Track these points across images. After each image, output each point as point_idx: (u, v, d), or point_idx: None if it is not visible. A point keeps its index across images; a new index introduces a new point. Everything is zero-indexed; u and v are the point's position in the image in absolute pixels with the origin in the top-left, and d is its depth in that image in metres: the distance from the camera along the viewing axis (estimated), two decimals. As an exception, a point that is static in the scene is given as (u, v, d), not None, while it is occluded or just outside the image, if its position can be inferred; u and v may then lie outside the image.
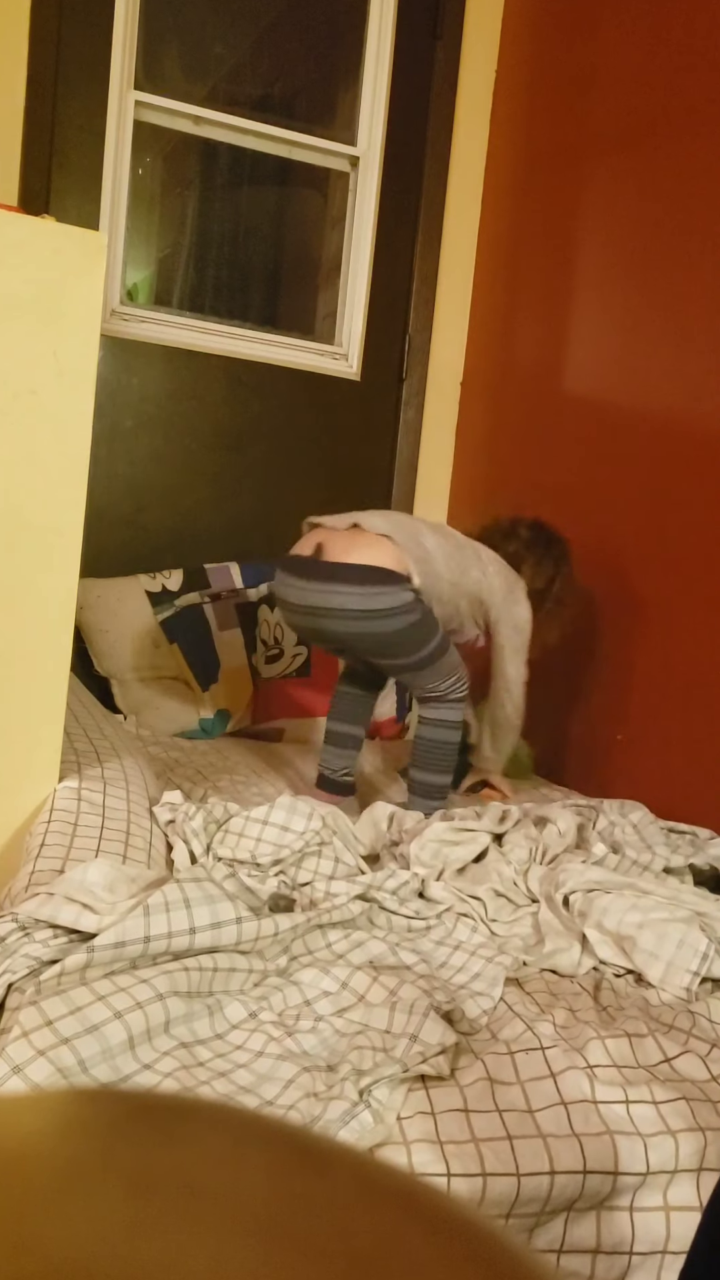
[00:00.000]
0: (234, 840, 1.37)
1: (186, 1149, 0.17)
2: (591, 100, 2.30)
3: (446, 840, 1.45)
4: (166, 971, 0.99)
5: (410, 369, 2.68)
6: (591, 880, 1.34)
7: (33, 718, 1.32)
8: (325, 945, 1.16)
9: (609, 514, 2.17)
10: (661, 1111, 0.92)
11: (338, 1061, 0.95)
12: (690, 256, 2.00)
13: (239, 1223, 0.15)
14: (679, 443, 2.00)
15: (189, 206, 2.53)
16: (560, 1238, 0.86)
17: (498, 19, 2.62)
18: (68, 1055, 0.86)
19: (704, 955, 1.19)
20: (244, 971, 1.06)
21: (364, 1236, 0.15)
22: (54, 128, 2.27)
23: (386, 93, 2.58)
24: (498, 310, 2.60)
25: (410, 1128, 0.87)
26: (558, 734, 2.29)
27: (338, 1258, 0.15)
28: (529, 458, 2.45)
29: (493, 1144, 0.86)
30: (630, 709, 2.09)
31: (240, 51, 2.48)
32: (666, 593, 2.02)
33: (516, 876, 1.41)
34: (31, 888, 1.13)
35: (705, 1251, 0.67)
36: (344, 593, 1.64)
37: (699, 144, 1.99)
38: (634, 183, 2.16)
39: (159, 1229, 0.15)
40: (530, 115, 2.52)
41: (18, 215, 1.25)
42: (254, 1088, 0.91)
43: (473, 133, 2.65)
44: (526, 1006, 1.11)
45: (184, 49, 2.42)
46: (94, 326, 1.27)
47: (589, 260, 2.28)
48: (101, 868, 1.13)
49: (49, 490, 1.29)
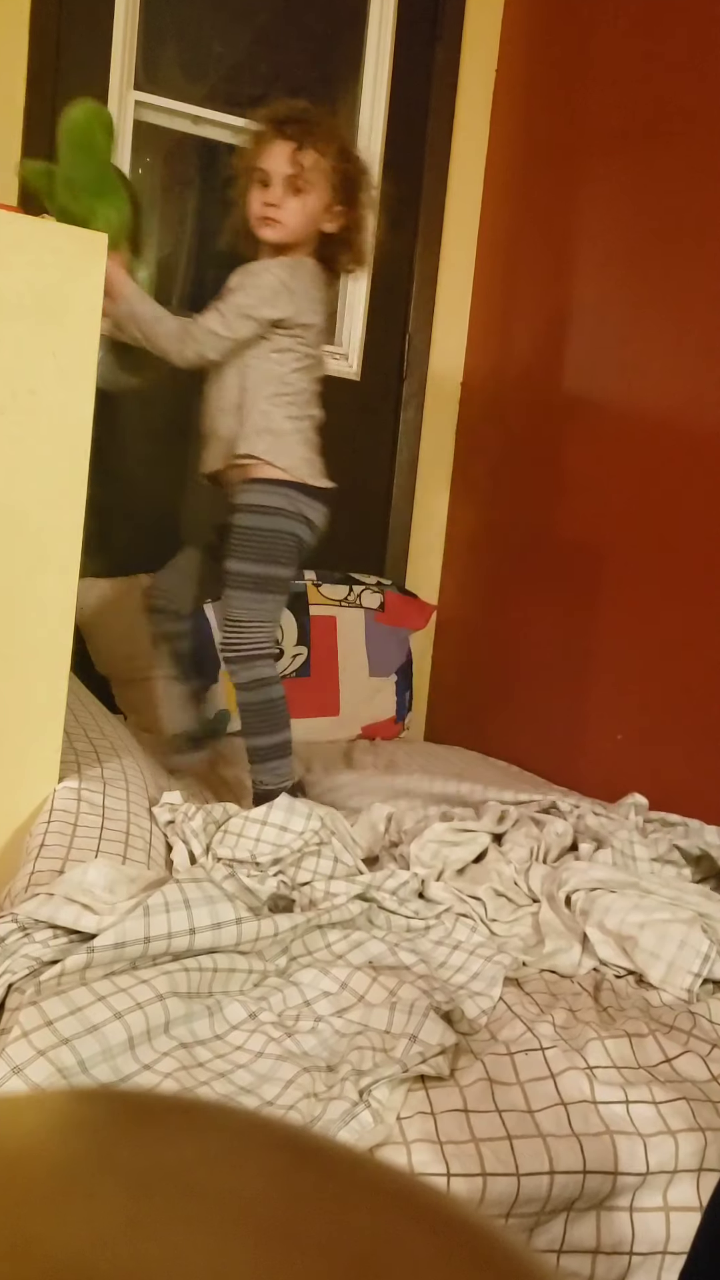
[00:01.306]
0: (233, 840, 1.37)
1: (186, 1149, 0.17)
2: (591, 100, 2.30)
3: (446, 840, 1.45)
4: (166, 972, 0.99)
5: (410, 369, 2.68)
6: (594, 879, 1.34)
7: (33, 718, 1.32)
8: (325, 945, 1.16)
9: (609, 514, 2.18)
10: (661, 1111, 0.92)
11: (337, 1062, 0.95)
12: (690, 256, 2.00)
13: (239, 1222, 0.15)
14: (679, 442, 2.00)
15: (189, 206, 2.53)
16: (560, 1238, 0.86)
17: (498, 19, 2.62)
18: (68, 1055, 0.86)
19: (705, 956, 1.19)
20: (244, 972, 1.06)
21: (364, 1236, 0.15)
22: (54, 127, 2.27)
23: (386, 93, 2.58)
24: (498, 310, 2.60)
25: (410, 1128, 0.87)
26: (558, 734, 2.29)
27: (337, 1257, 0.15)
28: (529, 457, 2.45)
29: (492, 1144, 0.86)
30: (630, 709, 2.09)
31: (240, 51, 2.48)
32: (667, 593, 2.02)
33: (517, 876, 1.41)
34: (31, 888, 1.13)
35: (705, 1252, 0.67)
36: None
37: (699, 144, 1.99)
38: (634, 183, 2.16)
39: (158, 1229, 0.15)
40: (530, 116, 2.52)
41: (18, 215, 1.25)
42: (254, 1088, 0.91)
43: (473, 133, 2.65)
44: (526, 1007, 1.11)
45: (184, 49, 2.42)
46: (94, 326, 1.27)
47: (589, 260, 2.28)
48: (101, 868, 1.13)
49: (49, 490, 1.29)
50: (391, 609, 2.54)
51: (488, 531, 2.59)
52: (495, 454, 2.58)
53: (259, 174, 1.66)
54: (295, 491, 1.75)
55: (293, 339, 1.72)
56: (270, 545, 1.74)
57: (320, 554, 2.67)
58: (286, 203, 1.65)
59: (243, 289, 1.66)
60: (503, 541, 2.52)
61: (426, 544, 2.74)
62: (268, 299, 1.66)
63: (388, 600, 2.54)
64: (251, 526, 1.74)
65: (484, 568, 2.59)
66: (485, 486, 2.61)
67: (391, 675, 2.51)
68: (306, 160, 1.64)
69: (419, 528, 2.73)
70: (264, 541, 1.74)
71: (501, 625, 2.50)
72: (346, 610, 2.48)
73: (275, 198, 1.64)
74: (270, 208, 1.65)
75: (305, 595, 2.46)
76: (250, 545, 1.74)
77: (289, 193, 1.65)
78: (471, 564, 2.65)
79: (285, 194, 1.65)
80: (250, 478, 1.74)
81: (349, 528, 2.69)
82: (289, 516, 1.75)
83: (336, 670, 2.45)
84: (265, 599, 1.74)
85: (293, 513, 1.75)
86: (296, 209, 1.66)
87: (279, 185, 1.65)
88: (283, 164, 1.64)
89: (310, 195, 1.66)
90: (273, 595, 1.75)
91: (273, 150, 1.65)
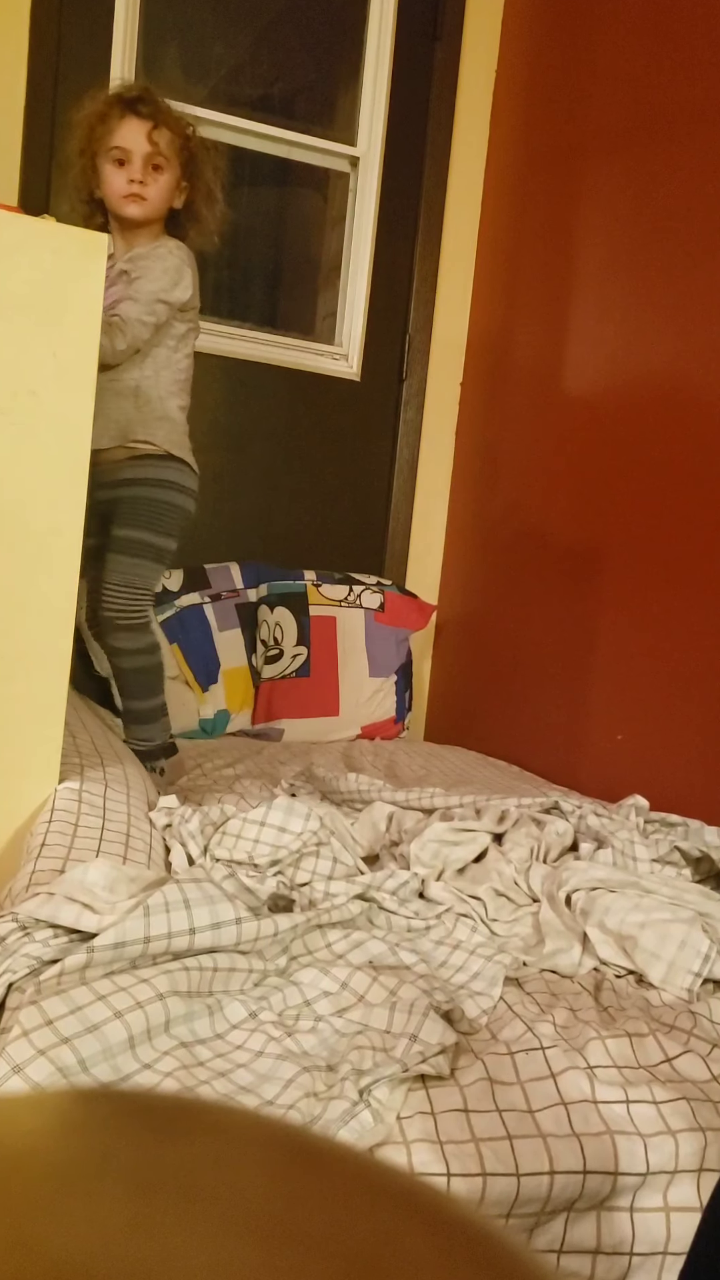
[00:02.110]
0: (231, 841, 1.36)
1: (186, 1149, 0.17)
2: (591, 100, 2.30)
3: (446, 840, 1.45)
4: (166, 971, 0.99)
5: (410, 369, 2.68)
6: (595, 879, 1.34)
7: (33, 718, 1.32)
8: (325, 945, 1.16)
9: (609, 514, 2.17)
10: (662, 1111, 0.92)
11: (337, 1061, 0.95)
12: (689, 255, 2.00)
13: (239, 1223, 0.15)
14: (679, 442, 2.00)
15: (189, 206, 2.53)
16: (560, 1238, 0.86)
17: (498, 19, 2.62)
18: (68, 1055, 0.86)
19: (706, 956, 1.19)
20: (244, 971, 1.06)
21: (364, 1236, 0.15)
22: (54, 128, 2.26)
23: (386, 93, 2.58)
24: (498, 310, 2.60)
25: (410, 1127, 0.87)
26: (558, 734, 2.29)
27: (337, 1258, 0.15)
28: (529, 457, 2.45)
29: (492, 1144, 0.86)
30: (630, 709, 2.09)
31: (240, 52, 2.48)
32: (667, 593, 2.02)
33: (517, 875, 1.40)
34: (32, 887, 1.13)
35: (706, 1253, 0.67)
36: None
37: (699, 144, 1.99)
38: (634, 182, 2.16)
39: (159, 1229, 0.15)
40: (530, 115, 2.52)
41: (18, 215, 1.25)
42: (254, 1088, 0.91)
43: (473, 133, 2.65)
44: (526, 1007, 1.11)
45: (184, 49, 2.42)
46: (94, 326, 1.27)
47: (589, 260, 2.28)
48: (102, 868, 1.13)
49: (49, 490, 1.29)
50: (391, 609, 2.54)
51: (488, 531, 2.58)
52: (495, 455, 2.58)
53: (116, 152, 1.69)
54: (186, 468, 1.82)
55: (186, 324, 1.78)
56: (166, 517, 1.81)
57: (320, 554, 2.69)
58: (152, 180, 1.70)
59: (150, 274, 1.70)
60: (503, 541, 2.52)
61: (426, 544, 2.74)
62: (176, 281, 1.71)
63: (388, 600, 2.54)
64: (151, 498, 1.79)
65: (484, 568, 2.59)
66: (485, 487, 2.61)
67: (391, 675, 2.51)
68: (162, 139, 1.70)
69: (419, 528, 2.73)
70: (161, 513, 1.80)
71: (501, 625, 2.50)
72: (346, 610, 2.48)
73: (139, 173, 1.69)
74: (137, 184, 1.69)
75: (305, 595, 2.46)
76: (150, 516, 1.79)
77: (149, 170, 1.70)
78: (471, 564, 2.65)
79: (147, 171, 1.70)
80: (142, 454, 1.79)
81: (349, 528, 2.69)
82: (181, 491, 1.82)
83: (336, 670, 2.45)
84: (157, 569, 1.82)
85: (185, 487, 1.82)
86: (160, 186, 1.71)
87: (139, 163, 1.69)
88: (141, 142, 1.68)
89: (167, 173, 1.72)
90: (162, 565, 1.83)
91: (129, 128, 1.69)
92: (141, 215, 1.72)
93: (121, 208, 1.71)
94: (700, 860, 1.50)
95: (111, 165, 1.70)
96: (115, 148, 1.69)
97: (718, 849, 1.50)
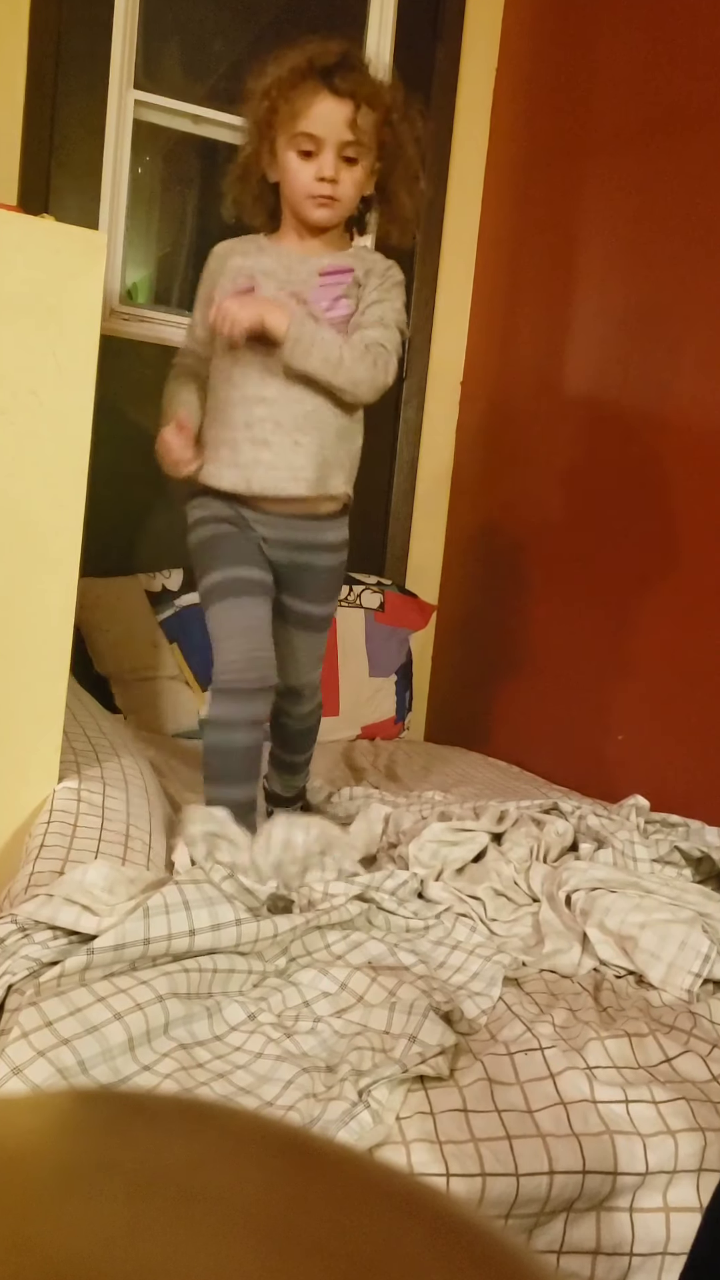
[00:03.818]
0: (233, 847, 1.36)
1: (186, 1149, 0.17)
2: (592, 100, 2.30)
3: (445, 840, 1.45)
4: (166, 973, 0.99)
5: (410, 369, 2.68)
6: (595, 879, 1.33)
7: (32, 718, 1.32)
8: (324, 946, 1.16)
9: (609, 514, 2.17)
10: (661, 1111, 0.92)
11: (337, 1062, 0.95)
12: (690, 256, 2.00)
13: (238, 1223, 0.15)
14: (680, 443, 2.00)
15: (189, 206, 2.53)
16: (560, 1238, 0.86)
17: (498, 19, 2.62)
18: (68, 1056, 0.86)
19: (705, 957, 1.19)
20: (243, 973, 1.06)
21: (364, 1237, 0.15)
22: (53, 127, 2.26)
23: (386, 93, 2.58)
24: (498, 310, 2.60)
25: (409, 1128, 0.87)
26: (558, 734, 2.29)
27: (338, 1258, 0.15)
28: (529, 457, 2.45)
29: (492, 1144, 0.86)
30: (630, 709, 2.09)
31: (240, 50, 2.48)
32: (667, 592, 2.02)
33: (517, 875, 1.40)
34: (31, 889, 1.12)
35: (706, 1253, 0.67)
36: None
37: (699, 143, 1.99)
38: (634, 182, 2.16)
39: (159, 1229, 0.15)
40: (530, 116, 2.52)
41: (17, 215, 1.25)
42: (253, 1089, 0.91)
43: (473, 132, 2.65)
44: (526, 1007, 1.11)
45: (184, 48, 2.42)
46: (94, 326, 1.27)
47: (589, 260, 2.28)
48: (101, 869, 1.13)
49: (49, 490, 1.29)
50: (391, 609, 2.54)
51: (488, 531, 2.58)
52: (495, 454, 2.58)
53: (303, 140, 1.34)
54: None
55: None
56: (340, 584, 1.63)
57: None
58: (346, 174, 1.36)
59: (393, 298, 1.42)
60: (503, 541, 2.52)
61: (426, 544, 2.74)
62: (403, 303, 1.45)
63: (388, 600, 2.54)
64: (338, 566, 1.58)
65: (484, 568, 2.59)
66: (485, 486, 2.61)
67: (391, 675, 2.51)
68: (366, 123, 1.34)
69: (419, 528, 2.73)
70: (340, 582, 1.62)
71: (501, 625, 2.50)
72: (346, 610, 2.48)
73: (330, 169, 1.35)
74: (328, 184, 1.36)
75: (305, 595, 2.45)
76: (337, 587, 1.60)
77: (342, 164, 1.35)
78: (471, 564, 2.65)
79: (339, 165, 1.35)
80: (327, 512, 1.55)
81: (349, 528, 2.69)
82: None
83: (336, 670, 2.44)
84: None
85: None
86: (354, 180, 1.37)
87: (331, 155, 1.34)
88: (339, 129, 1.33)
89: (362, 162, 1.37)
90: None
91: (324, 110, 1.33)
92: (333, 222, 1.42)
93: (308, 211, 1.39)
94: (701, 861, 1.50)
95: (296, 154, 1.36)
96: (303, 134, 1.34)
97: (718, 849, 1.50)
